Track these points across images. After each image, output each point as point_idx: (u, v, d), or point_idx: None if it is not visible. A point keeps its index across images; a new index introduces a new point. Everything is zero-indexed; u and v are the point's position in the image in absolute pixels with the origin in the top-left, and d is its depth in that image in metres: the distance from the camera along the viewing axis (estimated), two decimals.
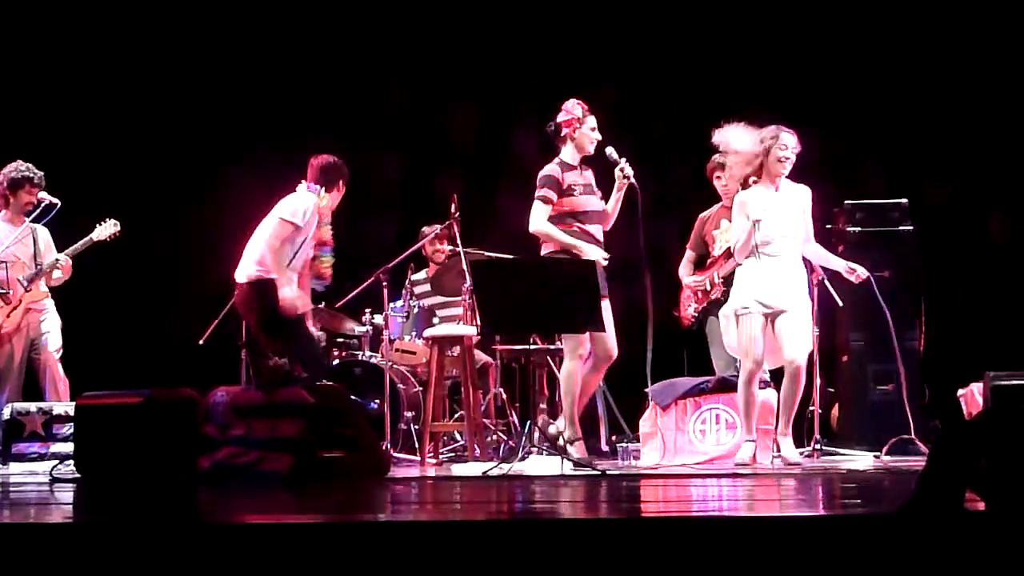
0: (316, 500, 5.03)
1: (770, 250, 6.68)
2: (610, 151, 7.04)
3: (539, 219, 7.01)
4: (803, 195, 6.85)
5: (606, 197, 7.15)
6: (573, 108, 7.08)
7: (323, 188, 7.18)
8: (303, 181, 7.19)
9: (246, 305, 7.09)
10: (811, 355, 7.60)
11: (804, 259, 6.88)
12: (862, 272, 7.01)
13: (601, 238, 7.09)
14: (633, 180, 6.99)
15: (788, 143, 6.76)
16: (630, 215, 7.04)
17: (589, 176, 7.14)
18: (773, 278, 6.67)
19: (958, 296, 8.67)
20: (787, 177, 6.80)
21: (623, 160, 7.01)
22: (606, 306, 6.91)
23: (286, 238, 7.02)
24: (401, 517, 4.11)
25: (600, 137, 7.06)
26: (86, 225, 7.91)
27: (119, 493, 5.50)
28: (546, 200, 6.99)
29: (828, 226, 8.20)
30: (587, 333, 6.86)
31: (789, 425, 6.76)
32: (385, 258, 8.25)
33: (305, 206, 7.06)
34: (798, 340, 6.64)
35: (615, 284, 7.20)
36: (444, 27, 9.91)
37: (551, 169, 7.04)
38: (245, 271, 7.06)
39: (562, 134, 7.09)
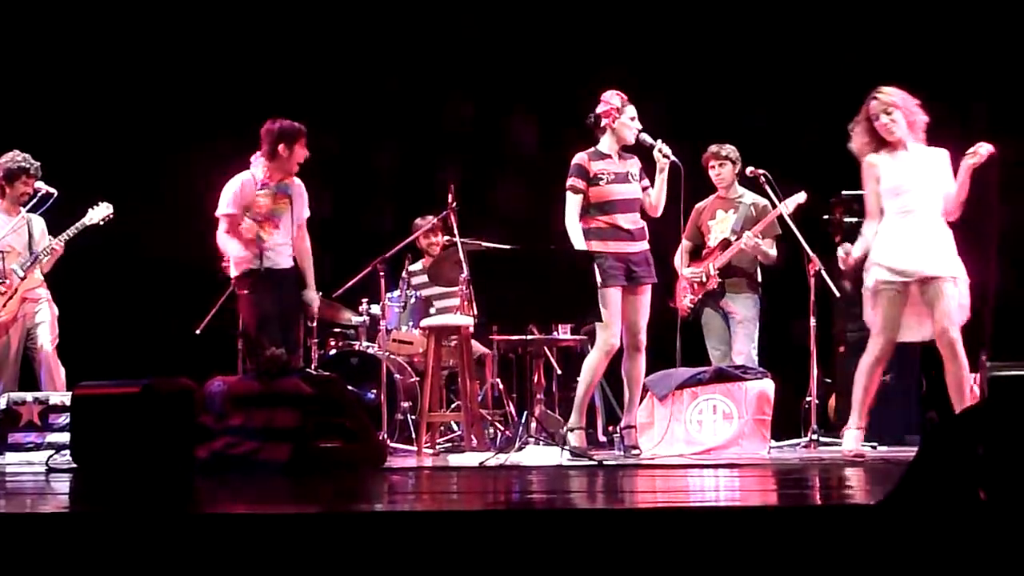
0: (313, 490, 5.03)
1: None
2: (644, 136, 6.94)
3: (569, 212, 6.92)
4: (939, 157, 6.33)
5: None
6: (611, 98, 6.99)
7: (263, 156, 7.18)
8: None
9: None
10: (808, 346, 7.62)
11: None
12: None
13: (635, 226, 6.92)
14: (673, 158, 6.87)
15: (878, 108, 6.28)
16: (673, 194, 6.95)
17: (631, 165, 7.00)
18: (912, 241, 6.19)
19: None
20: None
21: (659, 141, 6.91)
22: (646, 293, 6.88)
23: (227, 230, 7.11)
24: (398, 507, 4.11)
25: (640, 126, 6.97)
26: (82, 215, 7.90)
27: (115, 483, 5.49)
28: (574, 189, 6.91)
29: (824, 216, 8.21)
30: (618, 326, 6.80)
31: None
32: (382, 248, 8.24)
33: (230, 190, 7.17)
34: (949, 309, 6.12)
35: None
36: (441, 16, 9.89)
37: (580, 158, 6.96)
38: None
39: (601, 124, 6.99)
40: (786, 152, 8.67)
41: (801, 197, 7.73)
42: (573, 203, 6.90)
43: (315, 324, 7.76)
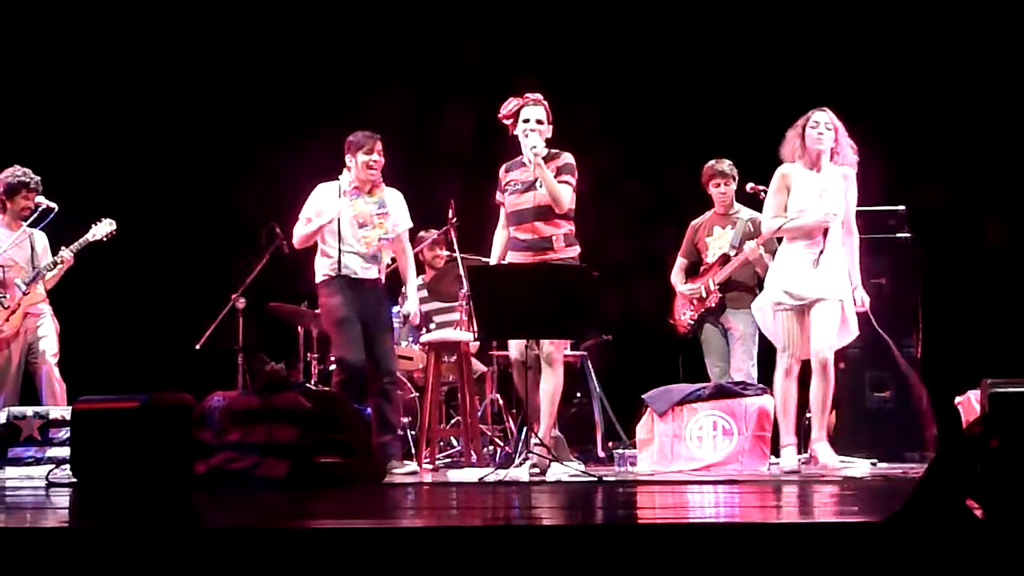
0: (312, 505, 5.03)
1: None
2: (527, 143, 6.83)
3: (498, 228, 7.02)
4: (842, 177, 6.76)
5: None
6: (507, 104, 6.95)
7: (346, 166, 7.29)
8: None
9: None
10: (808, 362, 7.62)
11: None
12: (862, 306, 6.89)
13: (533, 236, 6.82)
14: (531, 154, 6.72)
15: (819, 119, 6.71)
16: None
17: (551, 167, 6.81)
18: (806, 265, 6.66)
19: (956, 303, 8.67)
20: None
21: (528, 136, 6.82)
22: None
23: (302, 236, 7.18)
24: (397, 523, 4.11)
25: (535, 129, 6.83)
26: (83, 230, 7.91)
27: (115, 498, 5.49)
28: (498, 203, 6.98)
29: None
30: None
31: (822, 428, 6.73)
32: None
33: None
34: (825, 330, 6.62)
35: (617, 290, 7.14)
36: (442, 30, 9.91)
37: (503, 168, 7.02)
38: None
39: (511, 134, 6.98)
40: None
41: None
42: (500, 218, 6.99)
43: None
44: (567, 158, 6.89)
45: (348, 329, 6.97)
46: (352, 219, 7.14)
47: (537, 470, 6.50)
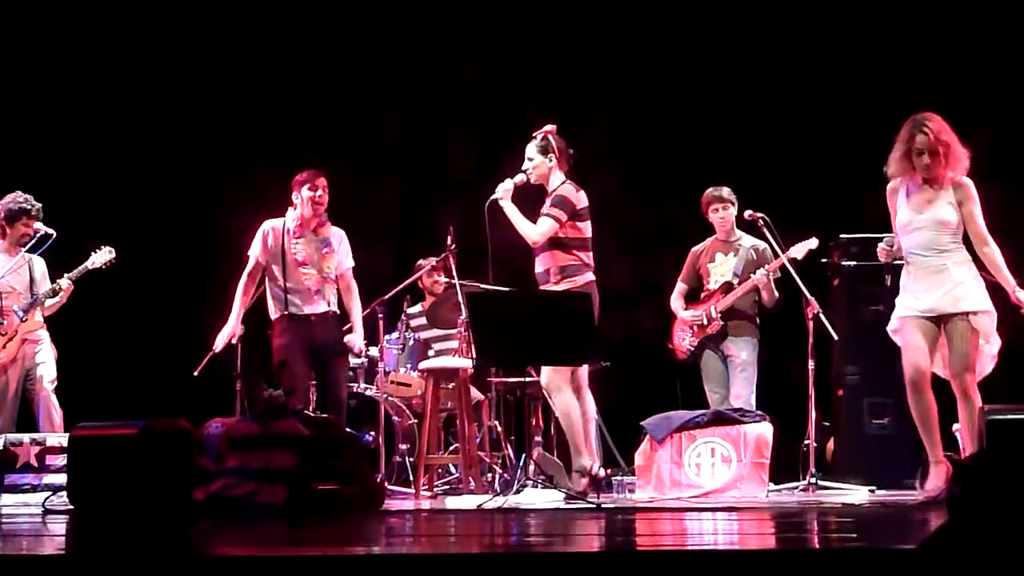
0: (310, 532, 5.01)
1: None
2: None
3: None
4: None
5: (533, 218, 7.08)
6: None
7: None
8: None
9: None
10: (806, 388, 7.62)
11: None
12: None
13: (537, 268, 7.05)
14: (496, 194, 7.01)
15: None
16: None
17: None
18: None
19: None
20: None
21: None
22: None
23: (249, 273, 7.41)
24: (395, 550, 4.10)
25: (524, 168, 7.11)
26: (82, 256, 7.92)
27: (113, 525, 5.48)
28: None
29: (824, 260, 8.22)
30: None
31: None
32: (381, 290, 8.25)
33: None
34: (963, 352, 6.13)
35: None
36: (443, 57, 9.95)
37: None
38: None
39: None
40: (783, 194, 8.69)
41: (813, 243, 7.73)
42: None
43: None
44: (560, 190, 6.95)
45: (289, 372, 7.05)
46: (294, 258, 7.30)
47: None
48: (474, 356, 7.09)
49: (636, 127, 9.71)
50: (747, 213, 7.80)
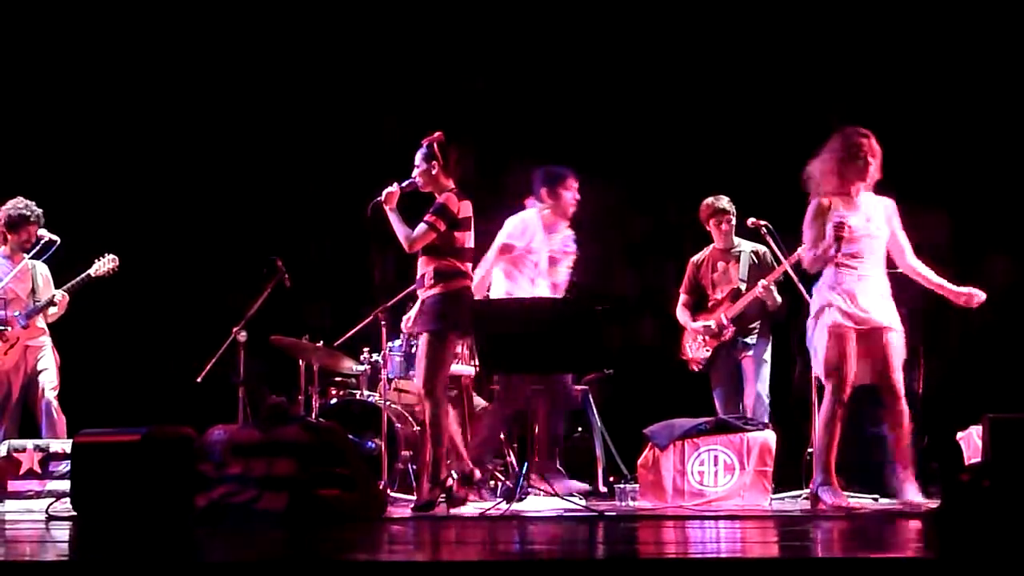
0: (312, 539, 5.01)
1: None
2: None
3: None
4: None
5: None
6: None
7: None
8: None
9: None
10: (808, 397, 7.62)
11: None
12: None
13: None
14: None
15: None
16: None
17: None
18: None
19: (958, 339, 8.66)
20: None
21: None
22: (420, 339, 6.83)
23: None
24: (398, 557, 4.09)
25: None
26: (85, 262, 7.93)
27: (115, 531, 5.48)
28: None
29: None
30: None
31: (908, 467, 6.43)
32: (384, 297, 8.24)
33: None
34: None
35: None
36: (444, 66, 9.95)
37: None
38: None
39: None
40: (782, 200, 8.69)
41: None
42: None
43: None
44: (443, 198, 6.93)
45: None
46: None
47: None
48: (477, 363, 7.09)
49: (634, 135, 9.70)
50: (750, 221, 7.78)
